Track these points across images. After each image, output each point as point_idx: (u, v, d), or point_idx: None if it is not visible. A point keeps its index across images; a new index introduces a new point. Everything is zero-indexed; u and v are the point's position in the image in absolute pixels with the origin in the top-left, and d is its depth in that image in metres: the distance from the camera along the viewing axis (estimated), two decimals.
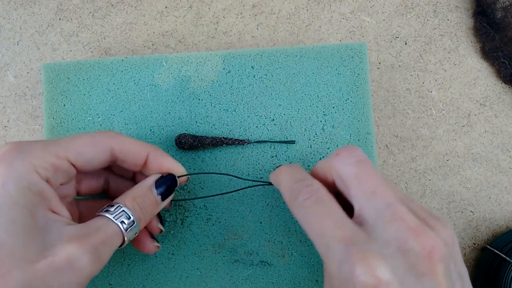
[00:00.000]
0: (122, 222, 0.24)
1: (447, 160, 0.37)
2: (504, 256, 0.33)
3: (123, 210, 0.25)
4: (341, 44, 0.33)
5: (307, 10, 0.38)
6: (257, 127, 0.33)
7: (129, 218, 0.25)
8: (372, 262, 0.20)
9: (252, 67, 0.33)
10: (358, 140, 0.32)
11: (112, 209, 0.25)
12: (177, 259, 0.32)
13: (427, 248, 0.21)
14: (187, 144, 0.32)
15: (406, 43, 0.38)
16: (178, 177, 0.29)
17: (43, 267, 0.21)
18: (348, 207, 0.24)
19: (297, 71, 0.33)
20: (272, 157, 0.33)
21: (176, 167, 0.28)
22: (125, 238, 0.25)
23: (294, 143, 0.33)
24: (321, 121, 0.33)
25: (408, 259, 0.21)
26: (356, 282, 0.20)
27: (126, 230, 0.25)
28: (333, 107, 0.33)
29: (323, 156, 0.32)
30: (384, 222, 0.22)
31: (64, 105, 0.33)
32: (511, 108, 0.37)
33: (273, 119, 0.33)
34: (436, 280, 0.20)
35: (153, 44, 0.38)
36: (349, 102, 0.33)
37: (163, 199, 0.28)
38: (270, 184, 0.29)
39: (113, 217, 0.24)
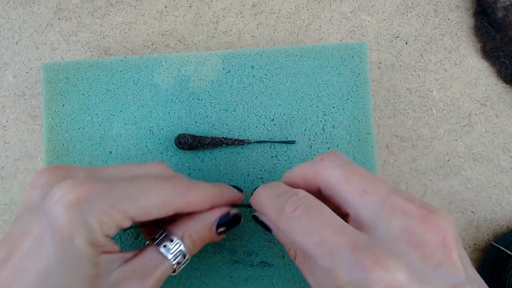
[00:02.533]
0: (179, 263, 0.24)
1: (448, 160, 0.37)
2: (510, 253, 0.33)
3: (181, 250, 0.24)
4: (341, 44, 0.33)
5: (307, 9, 0.38)
6: (257, 127, 0.33)
7: (185, 256, 0.25)
8: (386, 264, 0.18)
9: (252, 66, 0.33)
10: (359, 140, 0.32)
11: (170, 245, 0.24)
12: None
13: (440, 234, 0.19)
14: (187, 144, 0.32)
15: (406, 43, 0.38)
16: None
17: None
18: (340, 216, 0.22)
19: (297, 70, 0.33)
20: (272, 157, 0.32)
21: (238, 199, 0.27)
22: (175, 272, 0.25)
23: (294, 143, 0.33)
24: (321, 121, 0.33)
25: (422, 251, 0.19)
26: None
27: (179, 268, 0.25)
28: (333, 107, 0.33)
29: None
30: (385, 217, 0.20)
31: (63, 105, 0.33)
32: None
33: (273, 119, 0.33)
34: (453, 267, 0.19)
35: (152, 44, 0.38)
36: (350, 102, 0.33)
37: (220, 234, 0.26)
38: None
39: (171, 258, 0.24)
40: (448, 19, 0.38)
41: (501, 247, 0.34)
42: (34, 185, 0.23)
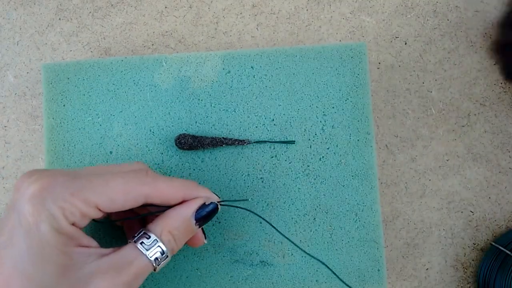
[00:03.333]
0: (156, 259, 0.24)
1: (447, 160, 0.37)
2: (509, 253, 0.33)
3: (159, 246, 0.25)
4: (341, 44, 0.33)
5: (307, 10, 0.38)
6: (256, 127, 0.33)
7: (163, 253, 0.25)
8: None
9: (251, 67, 0.33)
10: (358, 140, 0.32)
11: (147, 242, 0.24)
12: (177, 259, 0.32)
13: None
14: (187, 144, 0.32)
15: (406, 43, 0.38)
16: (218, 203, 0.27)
17: None
18: None
19: (297, 71, 0.33)
20: (272, 157, 0.33)
21: (214, 198, 0.27)
22: (156, 270, 0.25)
23: (294, 143, 0.33)
24: (320, 121, 0.33)
25: None
26: None
27: (158, 265, 0.25)
28: (333, 107, 0.33)
29: (323, 156, 0.32)
30: None
31: (64, 105, 0.33)
32: (511, 107, 0.37)
33: (273, 119, 0.33)
34: None
35: (153, 44, 0.38)
36: (349, 102, 0.33)
37: (200, 226, 0.27)
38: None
39: (148, 253, 0.24)
40: (447, 20, 0.38)
41: (500, 247, 0.34)
42: (14, 189, 0.24)
